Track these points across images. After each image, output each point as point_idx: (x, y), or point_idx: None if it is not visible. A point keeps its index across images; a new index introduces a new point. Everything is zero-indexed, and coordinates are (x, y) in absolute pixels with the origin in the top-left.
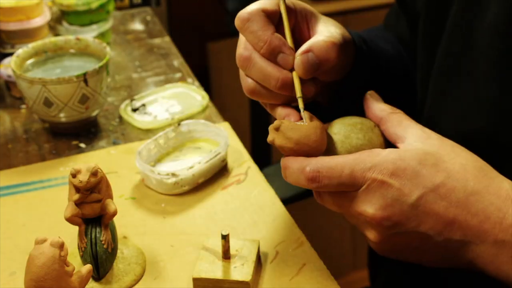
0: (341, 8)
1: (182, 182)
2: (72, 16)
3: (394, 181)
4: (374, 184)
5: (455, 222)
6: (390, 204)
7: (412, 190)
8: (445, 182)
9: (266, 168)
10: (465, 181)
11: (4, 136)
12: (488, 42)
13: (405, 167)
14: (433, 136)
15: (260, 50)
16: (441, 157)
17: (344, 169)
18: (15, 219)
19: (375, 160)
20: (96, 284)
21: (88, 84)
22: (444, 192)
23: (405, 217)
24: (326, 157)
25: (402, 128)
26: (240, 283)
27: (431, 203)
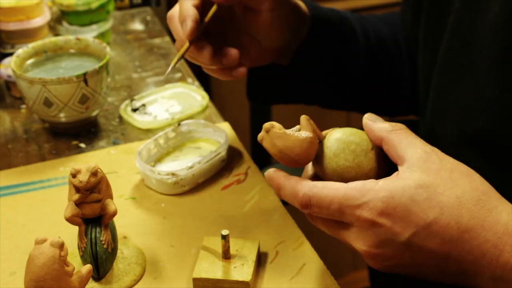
0: (341, 8)
1: (182, 182)
2: (72, 16)
3: (385, 220)
4: (365, 223)
5: (449, 257)
6: (382, 242)
7: (403, 229)
8: (437, 219)
9: (266, 168)
10: (459, 218)
11: (4, 136)
12: (489, 41)
13: (396, 205)
14: (433, 159)
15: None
16: (436, 189)
17: (333, 203)
18: (15, 219)
19: (364, 198)
20: (96, 284)
21: (88, 84)
22: (437, 229)
23: (399, 253)
24: (318, 184)
25: (402, 148)
26: (240, 283)
27: (424, 240)
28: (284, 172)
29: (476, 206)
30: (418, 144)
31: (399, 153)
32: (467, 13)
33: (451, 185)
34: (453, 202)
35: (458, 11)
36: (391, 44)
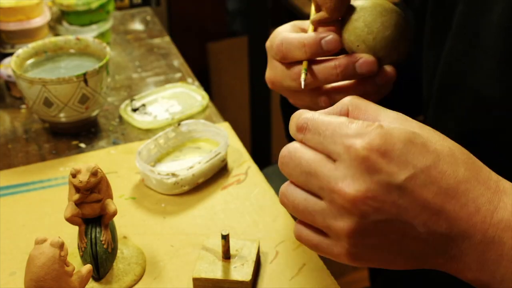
0: None
1: (182, 182)
2: (72, 16)
3: (381, 157)
4: (357, 157)
5: (442, 211)
6: (374, 184)
7: (401, 169)
8: (436, 165)
9: (266, 168)
10: (455, 166)
11: (4, 136)
12: (492, 42)
13: (394, 143)
14: (410, 119)
15: None
16: (428, 138)
17: (327, 129)
18: (15, 219)
19: (360, 129)
20: (96, 284)
21: (88, 84)
22: (435, 175)
23: (389, 200)
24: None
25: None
26: (240, 283)
27: (421, 186)
28: None
29: (469, 160)
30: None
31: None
32: (471, 15)
33: (439, 138)
34: (447, 151)
35: (462, 13)
36: None
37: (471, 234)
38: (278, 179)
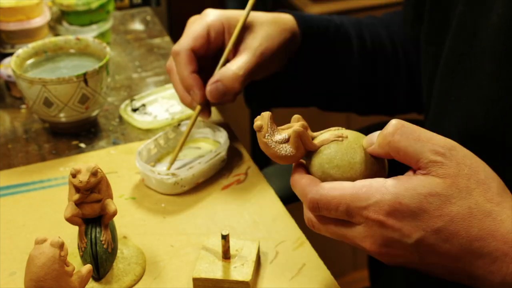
0: (341, 8)
1: (182, 182)
2: (72, 16)
3: (393, 221)
4: (373, 223)
5: (460, 260)
6: (391, 242)
7: (411, 232)
8: (446, 227)
9: (266, 168)
10: (469, 228)
11: (4, 136)
12: (492, 42)
13: (403, 210)
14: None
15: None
16: (449, 199)
17: (340, 205)
18: (15, 219)
19: (371, 199)
20: (96, 284)
21: (88, 84)
22: (446, 235)
23: (407, 253)
24: (326, 186)
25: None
26: (240, 283)
27: (433, 244)
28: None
29: (487, 218)
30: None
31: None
32: (470, 16)
33: (465, 195)
34: (464, 213)
35: (461, 14)
36: (388, 45)
37: (490, 279)
38: (278, 179)
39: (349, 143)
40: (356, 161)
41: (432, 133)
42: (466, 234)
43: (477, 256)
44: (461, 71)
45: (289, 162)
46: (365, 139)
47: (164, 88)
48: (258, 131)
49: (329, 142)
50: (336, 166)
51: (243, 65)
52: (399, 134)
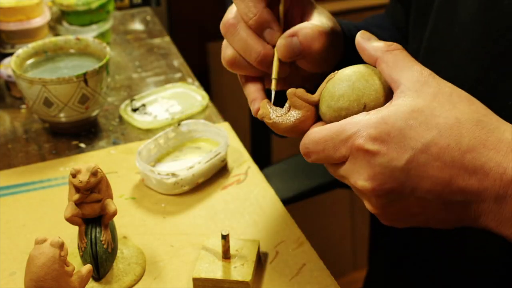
0: (341, 8)
1: (182, 182)
2: (72, 16)
3: (379, 146)
4: (359, 153)
5: (452, 182)
6: (379, 172)
7: (400, 153)
8: (436, 141)
9: (266, 168)
10: (459, 137)
11: (4, 136)
12: (469, 20)
13: (389, 130)
14: (430, 82)
15: (249, 21)
16: (433, 112)
17: (327, 143)
18: (15, 219)
19: (355, 126)
20: (96, 284)
21: (88, 84)
22: (437, 151)
23: (397, 183)
24: (314, 130)
25: (397, 71)
26: (240, 283)
27: (423, 165)
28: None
29: (477, 127)
30: (414, 67)
31: (393, 76)
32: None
33: (449, 107)
34: (452, 123)
35: None
36: None
37: (484, 197)
38: (278, 179)
39: (340, 73)
40: (354, 80)
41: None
42: (457, 146)
43: (470, 171)
44: (441, 52)
45: (305, 125)
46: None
47: (164, 88)
48: (263, 117)
49: (324, 85)
50: (340, 96)
51: (323, 23)
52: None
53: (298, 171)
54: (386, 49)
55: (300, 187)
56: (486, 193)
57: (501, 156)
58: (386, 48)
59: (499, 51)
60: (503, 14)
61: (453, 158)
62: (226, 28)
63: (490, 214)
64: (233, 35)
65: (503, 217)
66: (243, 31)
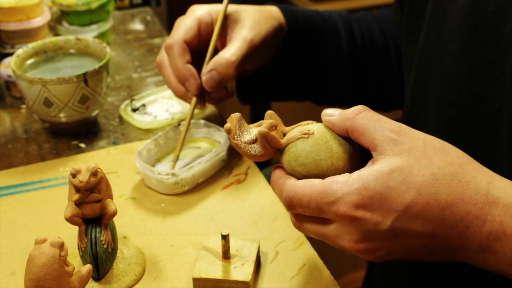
0: (341, 8)
1: (182, 182)
2: (72, 16)
3: (362, 212)
4: (344, 218)
5: (435, 235)
6: (366, 235)
7: (384, 217)
8: (416, 200)
9: (266, 168)
10: (437, 194)
11: (4, 136)
12: (458, 24)
13: (371, 195)
14: (402, 139)
15: (173, 72)
16: (411, 170)
17: (311, 202)
18: (15, 219)
19: (338, 193)
20: (96, 284)
21: (88, 84)
22: (417, 210)
23: (386, 241)
24: (298, 183)
25: (369, 134)
26: (240, 283)
27: (406, 223)
28: (280, 171)
29: (453, 181)
30: (384, 125)
31: (367, 139)
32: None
33: (425, 163)
34: (429, 180)
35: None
36: (379, 40)
37: (467, 247)
38: None
39: (314, 139)
40: (321, 158)
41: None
42: (436, 203)
43: (450, 225)
44: (433, 57)
45: (261, 160)
46: (326, 110)
47: (164, 88)
48: (228, 133)
49: (295, 140)
50: (303, 164)
51: (235, 52)
52: (362, 115)
53: None
54: (352, 116)
55: None
56: (468, 244)
57: (478, 209)
58: (352, 115)
59: (483, 56)
60: (486, 21)
61: (433, 215)
62: (157, 64)
63: (476, 260)
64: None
65: (489, 263)
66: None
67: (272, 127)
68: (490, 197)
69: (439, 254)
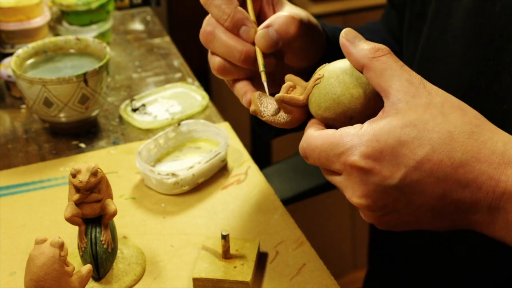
0: (341, 8)
1: (182, 182)
2: (72, 16)
3: (371, 164)
4: (352, 170)
5: (446, 196)
6: (372, 190)
7: (393, 172)
8: (429, 157)
9: (266, 168)
10: (452, 152)
11: (4, 136)
12: (462, 25)
13: (381, 148)
14: (421, 92)
15: (224, 23)
16: (425, 125)
17: (321, 153)
18: (15, 219)
19: (348, 143)
20: (96, 284)
21: (88, 84)
22: (430, 167)
23: (391, 199)
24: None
25: (385, 79)
26: (240, 283)
27: (417, 181)
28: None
29: (469, 140)
30: (404, 75)
31: (382, 84)
32: (444, 1)
33: (441, 120)
34: (444, 137)
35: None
36: None
37: (477, 208)
38: (278, 179)
39: (325, 80)
40: (339, 94)
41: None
42: (450, 161)
43: (463, 185)
44: (435, 58)
45: (296, 123)
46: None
47: (164, 88)
48: (255, 114)
49: (311, 90)
50: (326, 109)
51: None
52: (384, 58)
53: (298, 171)
54: (372, 55)
55: (300, 187)
56: (479, 205)
57: (493, 169)
58: (373, 54)
59: (489, 56)
60: (493, 21)
61: (446, 173)
62: (205, 37)
63: (484, 223)
64: (213, 42)
65: (497, 226)
66: (221, 35)
67: (290, 89)
68: (506, 158)
69: (446, 217)
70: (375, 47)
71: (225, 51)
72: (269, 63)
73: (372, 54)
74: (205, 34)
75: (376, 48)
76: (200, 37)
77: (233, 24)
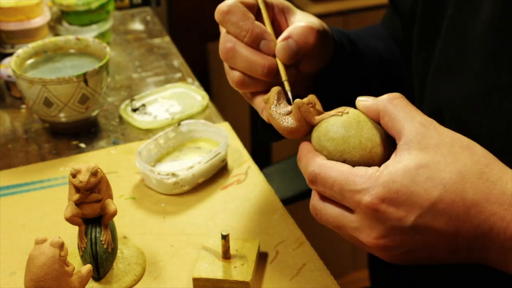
0: (341, 8)
1: (182, 182)
2: (72, 16)
3: (387, 206)
4: (367, 210)
5: (458, 234)
6: (389, 230)
7: (409, 212)
8: (442, 197)
9: (266, 168)
10: (463, 193)
11: (4, 136)
12: (481, 42)
13: (398, 189)
14: (431, 133)
15: (243, 39)
16: (437, 166)
17: (335, 185)
18: (15, 219)
19: (364, 184)
20: (96, 284)
21: (88, 84)
22: (443, 207)
23: (407, 238)
24: (327, 164)
25: (399, 121)
26: (240, 283)
27: (430, 220)
28: (309, 146)
29: (480, 180)
30: (415, 117)
31: (396, 126)
32: (460, 17)
33: (452, 160)
34: (455, 177)
35: (452, 16)
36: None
37: (489, 248)
38: (278, 179)
39: (347, 117)
40: (351, 134)
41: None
42: (462, 201)
43: (475, 225)
44: (451, 71)
45: (293, 135)
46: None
47: (164, 88)
48: (266, 102)
49: (329, 116)
50: (331, 139)
51: (311, 20)
52: (397, 101)
53: (298, 171)
54: (387, 98)
55: (300, 187)
56: (491, 244)
57: (504, 210)
58: (386, 101)
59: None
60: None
61: (459, 213)
62: (226, 54)
63: (497, 261)
64: (234, 58)
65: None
66: (243, 50)
67: (310, 103)
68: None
69: (459, 254)
70: (386, 94)
71: (247, 66)
72: (290, 74)
73: (386, 99)
74: (226, 51)
75: (388, 94)
76: (220, 54)
77: (252, 39)
